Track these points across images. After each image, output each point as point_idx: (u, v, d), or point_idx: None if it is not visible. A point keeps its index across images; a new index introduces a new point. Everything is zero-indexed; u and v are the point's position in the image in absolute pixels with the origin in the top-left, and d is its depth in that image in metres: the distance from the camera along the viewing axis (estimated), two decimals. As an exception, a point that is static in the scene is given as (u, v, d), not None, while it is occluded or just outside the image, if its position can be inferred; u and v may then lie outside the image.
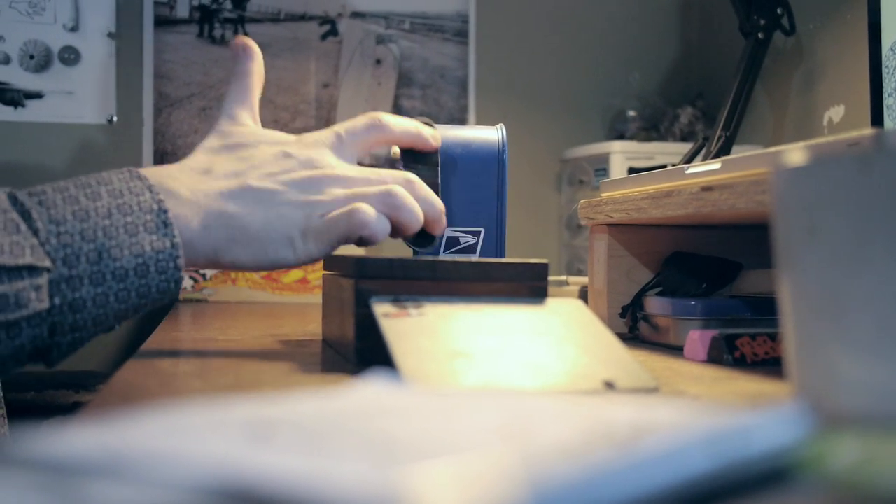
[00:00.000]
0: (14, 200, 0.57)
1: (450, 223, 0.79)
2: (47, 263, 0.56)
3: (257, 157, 0.64)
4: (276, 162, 0.64)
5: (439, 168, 0.74)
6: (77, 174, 0.60)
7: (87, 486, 0.23)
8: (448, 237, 0.79)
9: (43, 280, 0.56)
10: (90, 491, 0.23)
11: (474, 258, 0.78)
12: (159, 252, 0.58)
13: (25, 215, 0.57)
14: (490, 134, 0.81)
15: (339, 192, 0.64)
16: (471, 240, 0.80)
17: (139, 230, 0.58)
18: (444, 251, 0.79)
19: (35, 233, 0.56)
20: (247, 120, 0.68)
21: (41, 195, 0.58)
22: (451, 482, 0.21)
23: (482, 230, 0.80)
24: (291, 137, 0.67)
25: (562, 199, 1.72)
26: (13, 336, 0.55)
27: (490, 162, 0.80)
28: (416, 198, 0.65)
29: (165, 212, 0.58)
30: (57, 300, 0.56)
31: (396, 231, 0.65)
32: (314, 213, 0.63)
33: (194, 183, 0.62)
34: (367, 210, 0.62)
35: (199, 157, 0.65)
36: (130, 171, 0.60)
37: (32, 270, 0.56)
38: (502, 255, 0.80)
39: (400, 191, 0.64)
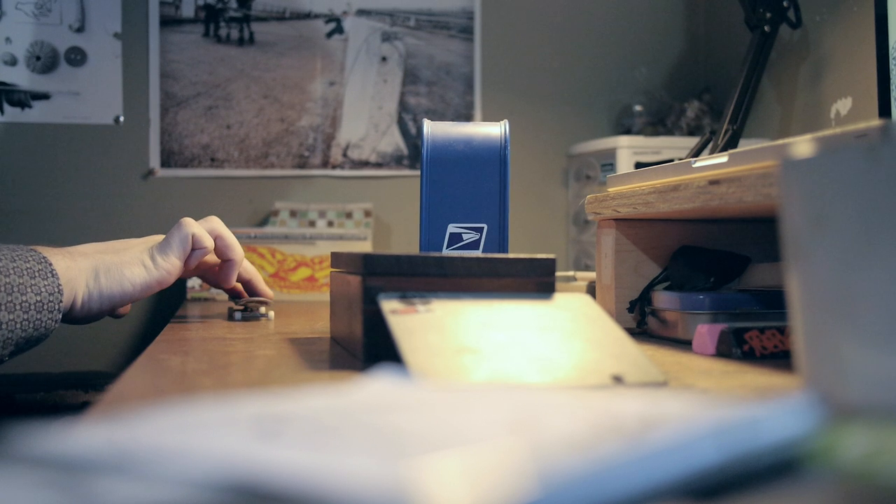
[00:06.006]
0: None
1: (452, 219, 0.79)
2: None
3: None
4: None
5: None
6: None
7: (96, 482, 0.23)
8: (451, 233, 0.79)
9: None
10: (99, 488, 0.23)
11: (479, 254, 0.77)
12: (51, 294, 0.73)
13: None
14: (493, 130, 0.81)
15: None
16: (473, 236, 0.80)
17: (36, 275, 0.73)
18: (447, 247, 0.79)
19: None
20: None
21: None
22: (460, 475, 0.21)
23: (485, 226, 0.80)
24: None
25: (569, 194, 1.72)
26: None
27: (492, 158, 0.80)
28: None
29: (50, 263, 0.74)
30: None
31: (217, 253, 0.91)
32: (155, 242, 0.86)
33: (69, 252, 0.80)
34: (191, 221, 0.87)
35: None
36: (20, 246, 0.76)
37: None
38: (505, 251, 0.80)
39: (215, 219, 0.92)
